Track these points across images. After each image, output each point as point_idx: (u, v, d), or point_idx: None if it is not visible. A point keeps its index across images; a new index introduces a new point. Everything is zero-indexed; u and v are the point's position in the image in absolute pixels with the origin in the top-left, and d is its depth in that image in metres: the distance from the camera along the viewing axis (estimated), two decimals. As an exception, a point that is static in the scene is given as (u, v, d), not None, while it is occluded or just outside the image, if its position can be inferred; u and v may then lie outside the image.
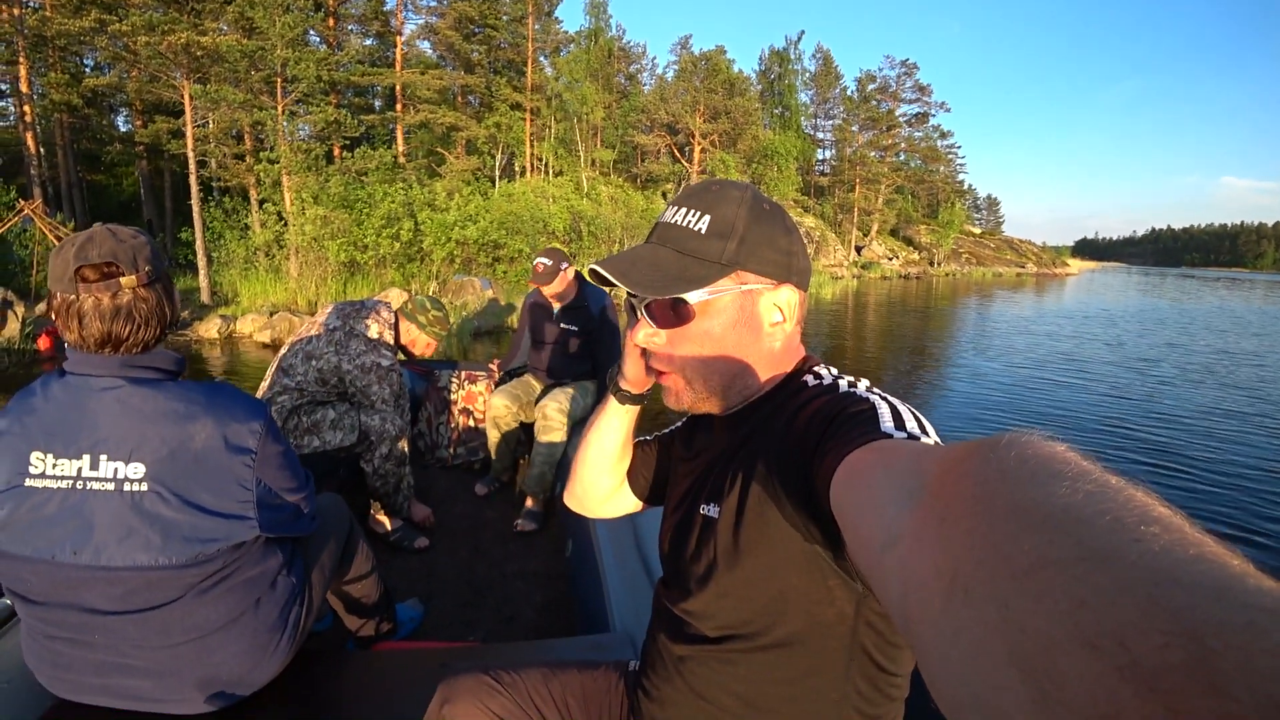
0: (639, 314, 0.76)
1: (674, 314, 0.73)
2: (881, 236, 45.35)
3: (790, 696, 0.70)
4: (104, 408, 1.04)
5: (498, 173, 23.84)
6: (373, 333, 2.41)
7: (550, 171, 26.18)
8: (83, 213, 22.00)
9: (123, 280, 1.05)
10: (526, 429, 3.24)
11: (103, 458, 1.03)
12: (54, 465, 1.03)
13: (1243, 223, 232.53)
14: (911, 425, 0.56)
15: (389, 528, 2.61)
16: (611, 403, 0.95)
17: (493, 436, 3.09)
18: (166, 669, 1.10)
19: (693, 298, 0.71)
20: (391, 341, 2.47)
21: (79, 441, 1.03)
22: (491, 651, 1.64)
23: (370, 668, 1.37)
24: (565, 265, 2.98)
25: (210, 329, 10.69)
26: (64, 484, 1.03)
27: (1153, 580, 0.21)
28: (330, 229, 13.17)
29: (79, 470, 1.03)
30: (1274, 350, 13.34)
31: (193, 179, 13.69)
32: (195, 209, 13.45)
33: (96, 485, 1.03)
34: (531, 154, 26.59)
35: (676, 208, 0.75)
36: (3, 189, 14.13)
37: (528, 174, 25.83)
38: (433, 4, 26.34)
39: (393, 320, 2.49)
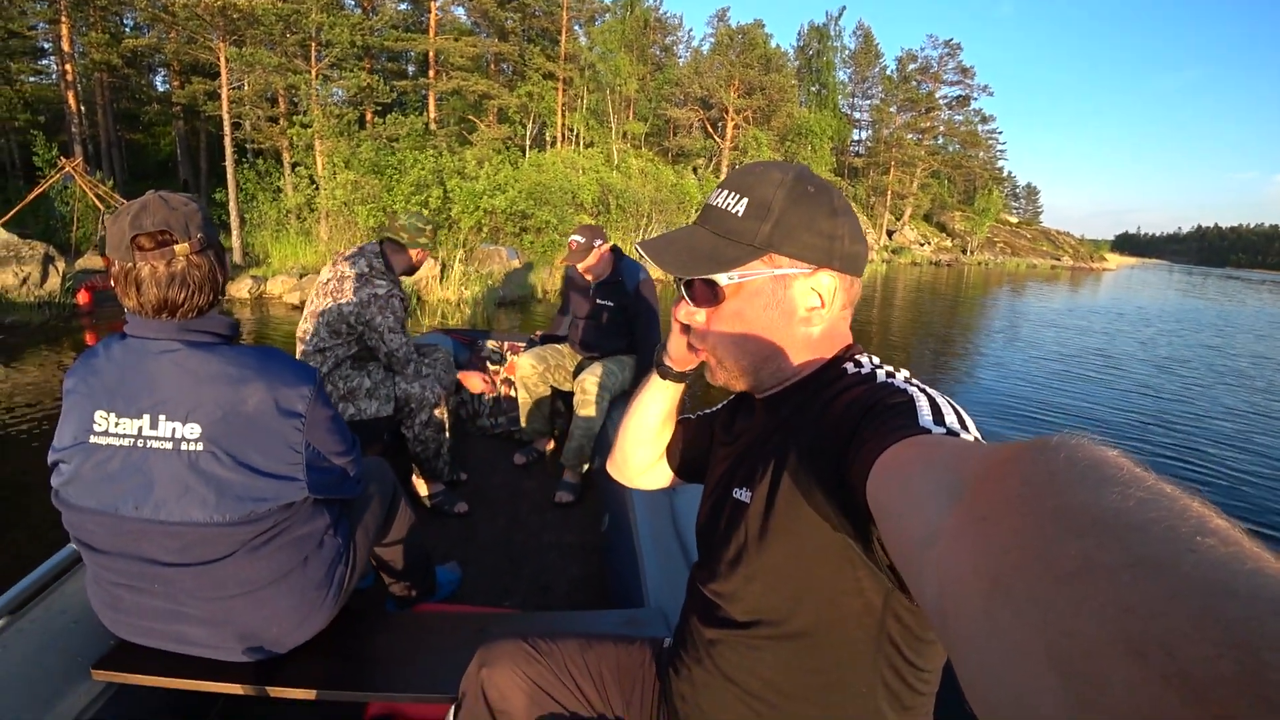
0: (680, 292, 0.78)
1: (710, 294, 0.74)
2: (914, 221, 44.45)
3: (818, 685, 0.70)
4: (162, 370, 1.08)
5: (528, 142, 23.73)
6: (361, 268, 2.42)
7: (581, 142, 25.97)
8: (120, 170, 22.43)
9: (177, 248, 1.07)
10: (563, 399, 3.25)
11: (162, 418, 1.07)
12: (116, 424, 1.07)
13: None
14: (951, 420, 0.55)
15: (429, 492, 2.65)
16: (654, 378, 0.97)
17: (521, 398, 3.11)
18: (219, 619, 1.15)
19: (722, 279, 0.72)
20: (383, 268, 2.46)
21: (139, 401, 1.07)
22: (529, 619, 1.66)
23: (411, 628, 1.40)
24: (599, 242, 2.95)
25: (241, 289, 10.88)
26: (126, 442, 1.07)
27: (1207, 590, 0.20)
28: (360, 194, 13.26)
29: (139, 429, 1.07)
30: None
31: (227, 140, 13.84)
32: (229, 170, 13.62)
33: (156, 444, 1.07)
34: (563, 124, 26.39)
35: (721, 190, 0.75)
36: (45, 146, 14.44)
37: (559, 144, 25.65)
38: (468, -31, 26.11)
39: (378, 249, 2.50)
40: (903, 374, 0.68)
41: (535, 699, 0.96)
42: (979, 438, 0.54)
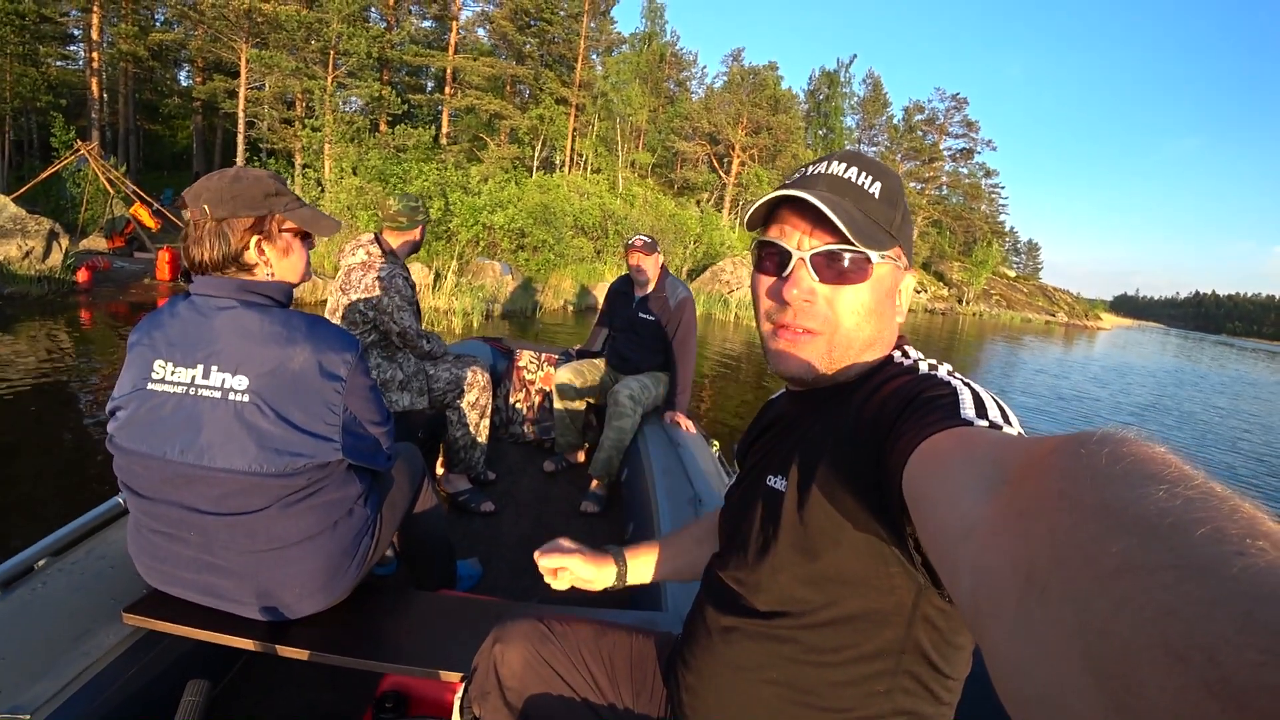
0: (792, 266, 0.70)
1: (841, 270, 0.68)
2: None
3: (833, 681, 0.67)
4: (219, 324, 1.15)
5: (535, 163, 24.27)
6: (360, 257, 2.49)
7: (588, 168, 26.55)
8: (135, 158, 22.88)
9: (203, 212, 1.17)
10: (596, 412, 3.34)
11: (214, 368, 1.13)
12: (173, 372, 1.13)
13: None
14: (994, 413, 0.53)
15: (457, 489, 2.70)
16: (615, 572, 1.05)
17: (556, 409, 3.18)
18: (247, 572, 1.19)
19: (875, 256, 0.68)
20: (381, 252, 2.51)
21: (196, 353, 1.14)
22: (547, 610, 1.75)
23: (429, 609, 1.42)
24: (658, 251, 3.05)
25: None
26: (179, 389, 1.13)
27: (1255, 596, 0.20)
28: (364, 199, 13.63)
29: (193, 378, 1.13)
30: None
31: (240, 138, 14.29)
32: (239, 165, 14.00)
33: (206, 392, 1.13)
34: (572, 149, 27.01)
35: (843, 164, 0.71)
36: (63, 128, 14.83)
37: (566, 168, 26.24)
38: (492, -7, 26.95)
39: (372, 237, 2.56)
40: (945, 367, 0.67)
41: (545, 678, 0.97)
42: (1023, 433, 0.52)
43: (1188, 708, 0.19)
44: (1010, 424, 0.53)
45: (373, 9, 23.97)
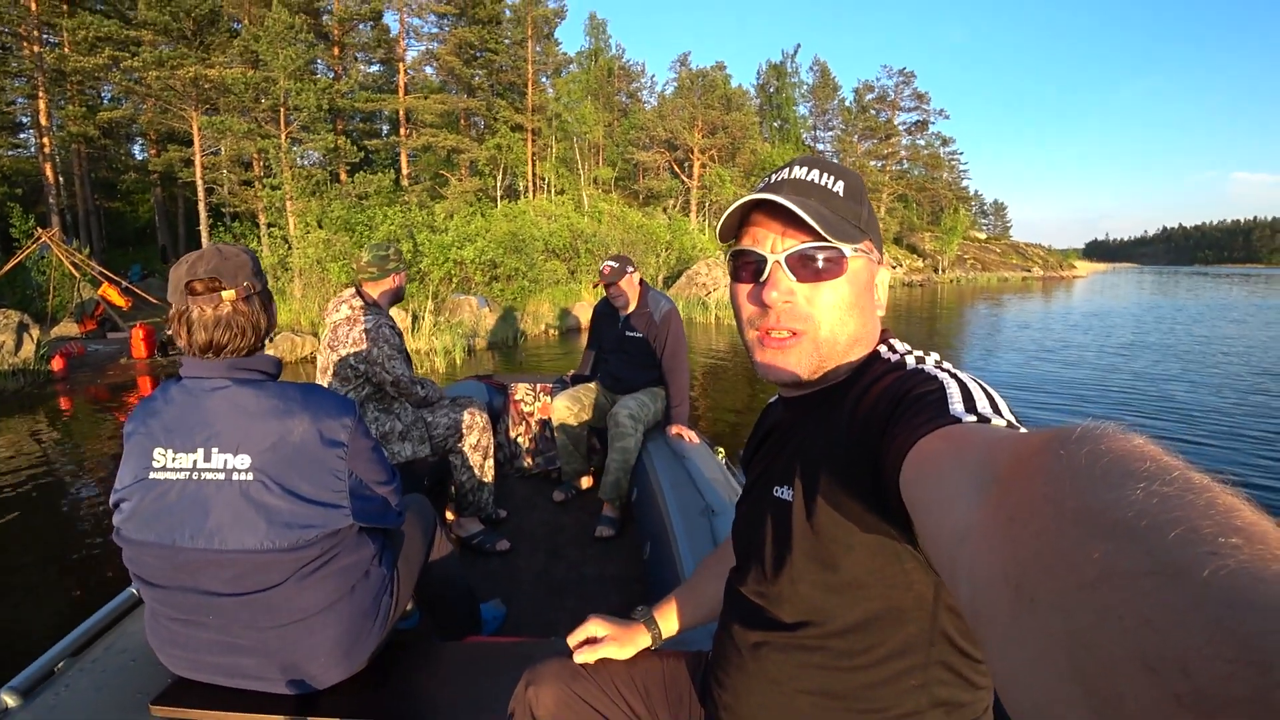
0: (769, 270, 0.71)
1: (817, 268, 0.69)
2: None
3: (867, 682, 0.67)
4: (215, 406, 1.15)
5: (499, 193, 24.39)
6: (344, 313, 2.49)
7: (552, 190, 26.70)
8: (99, 238, 22.75)
9: (224, 294, 1.17)
10: (598, 435, 3.31)
11: (215, 450, 1.13)
12: (173, 459, 1.13)
13: (1255, 218, 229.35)
14: (983, 405, 0.53)
15: (470, 532, 2.69)
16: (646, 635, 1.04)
17: (558, 438, 3.17)
18: (272, 648, 1.18)
19: (848, 250, 0.69)
20: (363, 304, 2.50)
21: (194, 437, 1.14)
22: None
23: (457, 658, 1.41)
24: (631, 270, 3.02)
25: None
26: (182, 475, 1.13)
27: (1224, 601, 0.19)
28: (332, 251, 13.66)
29: (194, 462, 1.13)
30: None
31: (201, 205, 14.31)
32: (204, 234, 14.04)
33: (209, 475, 1.12)
34: (534, 173, 27.16)
35: (804, 168, 0.73)
36: (22, 217, 14.73)
37: (530, 193, 26.38)
38: (434, 31, 27.16)
39: (354, 290, 2.57)
40: (933, 358, 0.67)
41: (582, 714, 0.96)
42: (1012, 420, 0.53)
43: None
44: (1000, 414, 0.53)
45: (319, 60, 24.10)
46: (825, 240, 0.68)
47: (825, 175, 0.72)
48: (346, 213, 14.75)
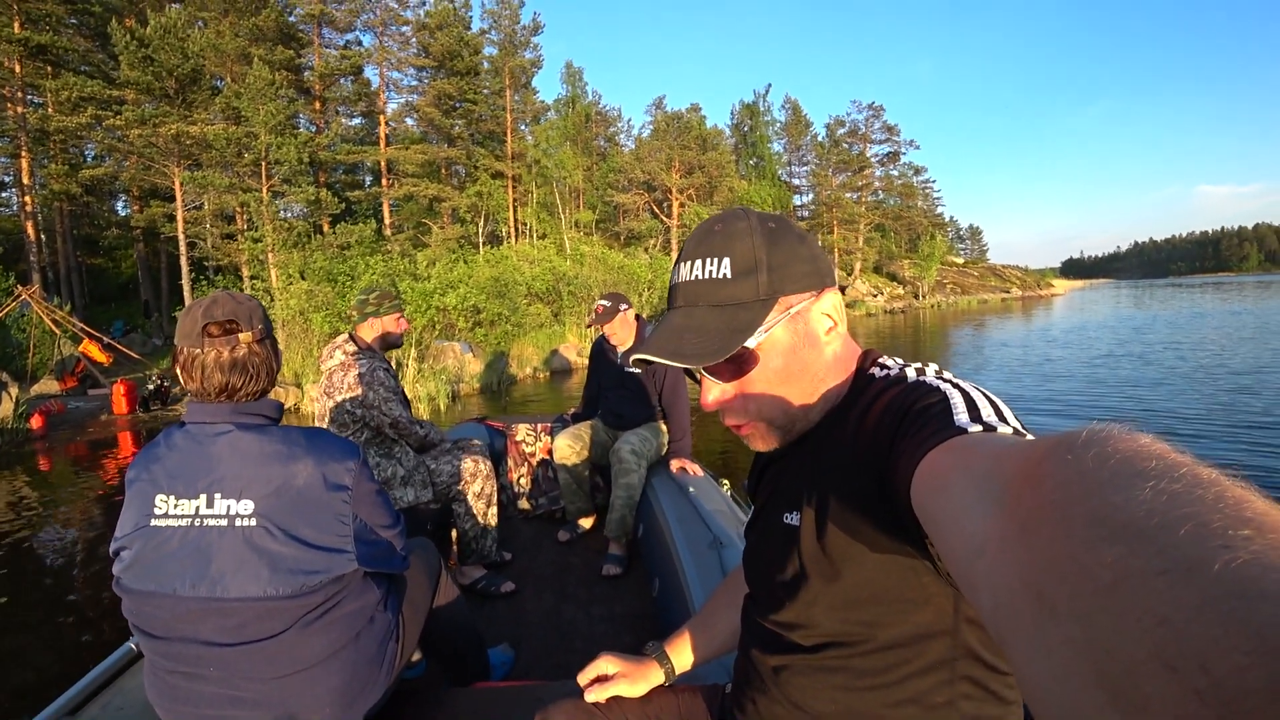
0: (699, 378, 0.74)
1: (737, 366, 0.70)
2: (864, 274, 46.28)
3: (891, 701, 0.66)
4: (218, 451, 1.13)
5: (481, 239, 24.73)
6: (339, 359, 2.47)
7: (534, 235, 27.10)
8: (80, 295, 22.72)
9: (241, 336, 1.17)
10: (601, 473, 3.29)
11: (217, 496, 1.11)
12: (175, 505, 1.11)
13: (1223, 228, 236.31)
14: (988, 414, 0.53)
15: (474, 577, 2.65)
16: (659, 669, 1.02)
17: (561, 478, 3.14)
18: (274, 700, 1.14)
19: (751, 343, 0.68)
20: (357, 350, 2.49)
21: (197, 482, 1.12)
22: None
23: (467, 705, 1.36)
24: (625, 307, 3.00)
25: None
26: (184, 522, 1.11)
27: (1238, 593, 0.20)
28: (315, 302, 13.77)
29: (196, 509, 1.11)
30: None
31: (183, 260, 14.41)
32: (186, 288, 14.13)
33: (211, 521, 1.10)
34: (515, 219, 27.59)
35: (690, 262, 0.72)
36: (2, 275, 14.74)
37: (512, 239, 26.74)
38: (413, 83, 27.84)
39: (348, 336, 2.55)
40: (932, 369, 0.66)
41: None
42: (1019, 428, 0.52)
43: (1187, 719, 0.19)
44: (1006, 421, 0.53)
45: (300, 115, 24.58)
46: (720, 359, 0.68)
47: (710, 261, 0.70)
48: (329, 263, 14.92)
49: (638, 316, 3.11)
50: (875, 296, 43.95)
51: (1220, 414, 7.41)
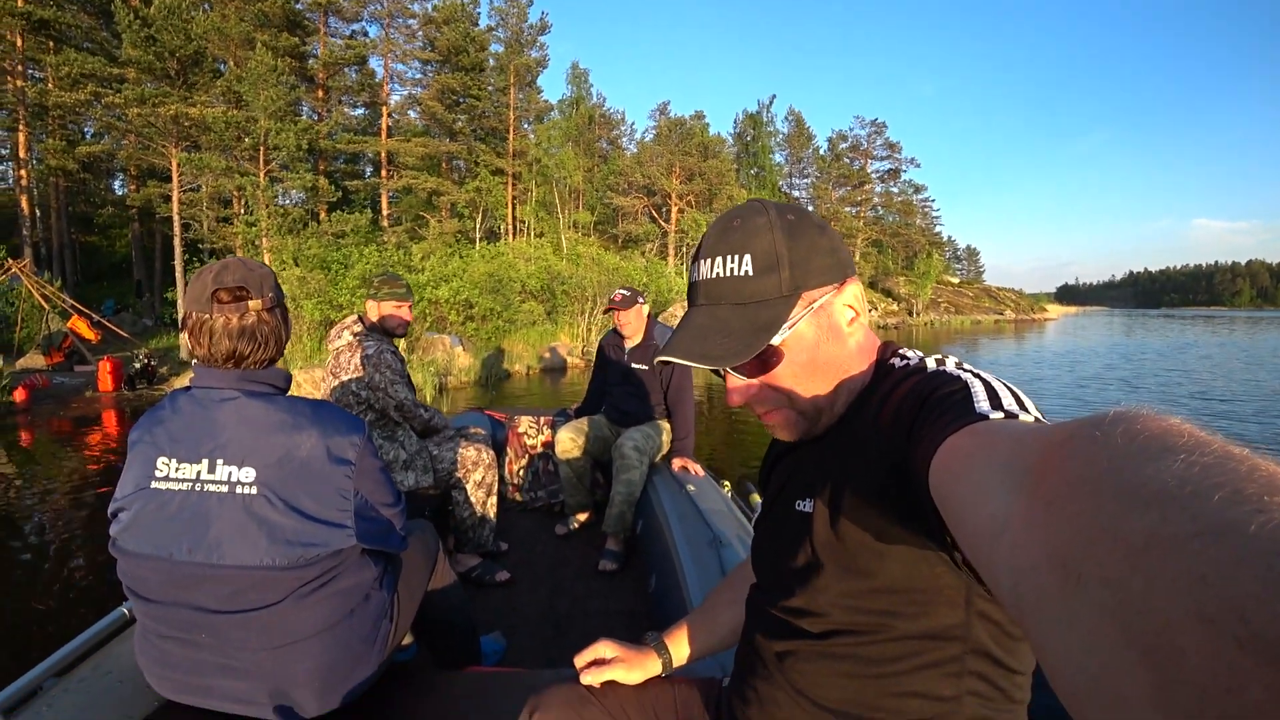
0: (723, 374, 0.74)
1: (762, 363, 0.70)
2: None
3: (897, 692, 0.66)
4: (223, 417, 1.12)
5: (479, 235, 24.73)
6: (346, 339, 2.49)
7: (531, 233, 27.13)
8: (73, 272, 22.55)
9: (250, 303, 1.15)
10: (601, 469, 3.29)
11: (220, 462, 1.10)
12: (177, 469, 1.10)
13: (1217, 262, 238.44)
14: (1009, 402, 0.53)
15: (469, 565, 2.64)
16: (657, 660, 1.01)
17: (562, 472, 3.14)
18: (265, 671, 1.13)
19: (776, 340, 0.68)
20: (365, 331, 2.50)
21: (200, 447, 1.11)
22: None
23: (458, 688, 1.37)
24: (641, 300, 3.06)
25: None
26: (184, 486, 1.10)
27: (1275, 550, 0.20)
28: (307, 288, 13.76)
29: (198, 473, 1.10)
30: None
31: (176, 241, 14.36)
32: (178, 269, 14.08)
33: (212, 487, 1.09)
34: (513, 216, 27.61)
35: (710, 259, 0.72)
36: (-6, 249, 14.71)
37: (509, 236, 26.76)
38: (417, 76, 27.85)
39: (356, 318, 2.56)
40: (952, 360, 0.67)
41: None
42: (1040, 417, 0.52)
43: (1225, 668, 0.19)
44: (1026, 410, 0.53)
45: (303, 102, 24.54)
46: (747, 359, 0.68)
47: (731, 258, 0.70)
48: (323, 250, 14.91)
49: (650, 314, 3.15)
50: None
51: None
